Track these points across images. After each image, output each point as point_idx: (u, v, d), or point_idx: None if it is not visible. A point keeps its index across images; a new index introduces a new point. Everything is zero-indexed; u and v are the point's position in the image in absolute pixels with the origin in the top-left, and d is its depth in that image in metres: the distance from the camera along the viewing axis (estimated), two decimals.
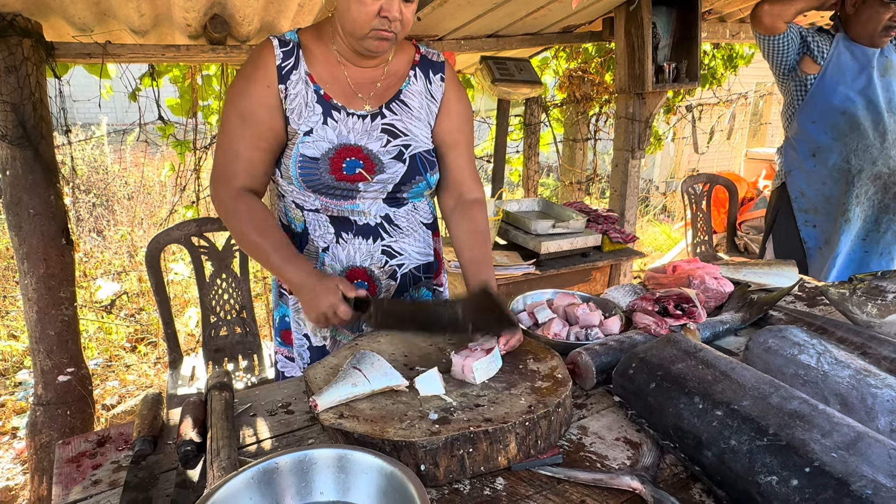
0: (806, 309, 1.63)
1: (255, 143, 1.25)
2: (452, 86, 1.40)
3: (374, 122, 1.30)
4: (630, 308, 1.47)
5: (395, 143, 1.31)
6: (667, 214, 7.41)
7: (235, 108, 1.25)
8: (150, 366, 3.46)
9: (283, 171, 1.29)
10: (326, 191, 1.28)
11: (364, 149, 1.28)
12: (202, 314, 2.34)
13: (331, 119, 1.27)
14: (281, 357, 1.49)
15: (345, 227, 1.34)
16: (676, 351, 1.08)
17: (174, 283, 4.11)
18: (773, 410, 0.89)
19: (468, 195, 1.44)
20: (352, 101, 1.29)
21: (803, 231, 2.64)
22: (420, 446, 0.88)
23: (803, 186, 2.61)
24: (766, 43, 2.49)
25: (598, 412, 1.12)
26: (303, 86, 1.26)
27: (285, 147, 1.28)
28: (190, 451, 0.93)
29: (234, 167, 1.25)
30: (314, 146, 1.25)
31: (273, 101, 1.24)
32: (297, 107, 1.25)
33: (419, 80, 1.36)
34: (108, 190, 5.56)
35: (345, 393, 0.99)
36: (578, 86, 4.39)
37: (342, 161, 1.26)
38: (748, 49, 5.34)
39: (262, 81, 1.24)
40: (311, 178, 1.26)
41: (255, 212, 1.25)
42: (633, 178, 3.47)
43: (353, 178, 1.28)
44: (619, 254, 2.86)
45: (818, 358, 1.09)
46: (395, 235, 1.37)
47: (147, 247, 2.21)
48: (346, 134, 1.27)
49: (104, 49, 2.19)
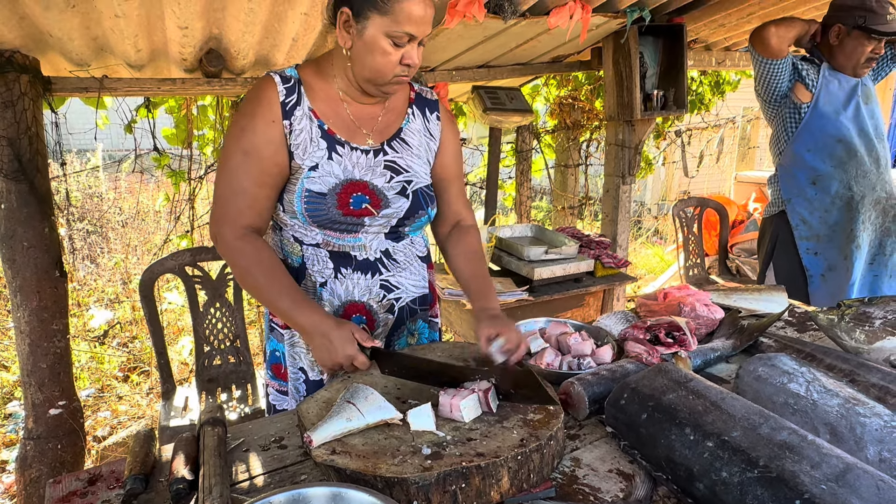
0: (796, 335, 1.64)
1: (261, 180, 1.24)
2: (448, 124, 1.46)
3: (376, 158, 1.32)
4: (622, 336, 1.47)
5: (397, 179, 1.34)
6: (659, 237, 7.46)
7: (239, 144, 1.24)
8: (142, 396, 3.43)
9: (287, 205, 1.29)
10: (331, 225, 1.29)
11: (370, 184, 1.30)
12: (195, 343, 2.33)
13: (336, 154, 1.28)
14: (272, 390, 1.48)
15: (344, 262, 1.34)
16: (667, 381, 1.09)
17: (168, 312, 4.08)
18: (763, 441, 0.89)
19: (463, 223, 1.50)
20: (355, 136, 1.32)
21: (805, 259, 2.63)
22: (412, 482, 0.88)
23: (805, 214, 2.61)
24: (766, 67, 2.48)
25: (591, 443, 1.12)
26: (307, 121, 1.27)
27: (287, 182, 1.29)
28: (182, 489, 0.92)
29: (238, 205, 1.24)
30: (321, 181, 1.26)
31: (278, 137, 1.25)
32: (302, 142, 1.26)
33: (417, 118, 1.40)
34: (102, 218, 5.56)
35: (340, 427, 0.99)
36: (569, 113, 4.46)
37: (349, 196, 1.28)
38: (734, 75, 5.45)
39: (267, 117, 1.24)
40: (317, 213, 1.27)
41: (263, 253, 1.24)
42: (624, 203, 3.51)
43: (359, 213, 1.29)
44: (612, 279, 2.87)
45: (807, 386, 1.10)
46: (392, 270, 1.39)
47: (141, 276, 2.21)
48: (352, 169, 1.29)
49: (101, 83, 2.22)
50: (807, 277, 2.63)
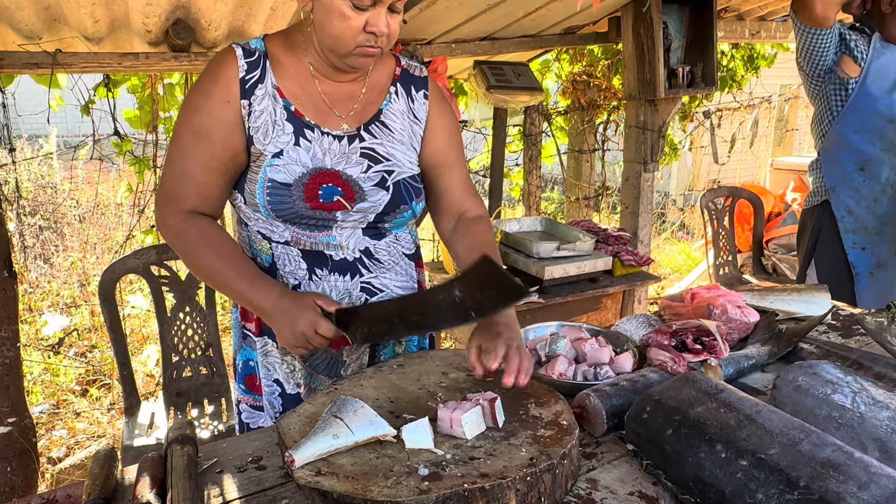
0: (840, 340, 1.64)
1: (210, 165, 1.25)
2: (437, 103, 1.42)
3: (351, 145, 1.30)
4: (644, 342, 1.47)
5: (376, 168, 1.31)
6: (686, 231, 7.47)
7: (189, 124, 1.25)
8: (102, 412, 3.43)
9: (248, 196, 1.28)
10: (299, 221, 1.28)
11: (342, 174, 1.28)
12: (163, 353, 2.33)
13: (303, 139, 1.27)
14: (245, 406, 1.48)
15: (319, 263, 1.33)
16: (695, 392, 1.09)
17: (131, 318, 4.09)
18: (804, 459, 0.89)
19: (469, 213, 1.46)
20: (327, 119, 1.30)
21: (851, 255, 2.63)
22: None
23: (851, 204, 2.60)
24: (811, 37, 2.46)
25: (609, 462, 1.12)
26: (270, 101, 1.26)
27: (247, 170, 1.28)
28: None
29: (183, 189, 1.25)
30: (285, 170, 1.25)
31: (232, 119, 1.24)
32: (262, 125, 1.25)
33: (400, 97, 1.38)
34: (57, 211, 5.56)
35: (325, 445, 0.99)
36: (583, 91, 4.46)
37: (318, 188, 1.26)
38: (770, 49, 5.44)
39: (222, 96, 1.23)
40: (281, 206, 1.26)
41: (211, 234, 1.25)
42: (646, 192, 3.51)
43: (330, 207, 1.27)
44: (633, 278, 2.87)
45: (854, 398, 1.10)
46: (375, 270, 1.38)
47: (101, 277, 2.21)
48: (322, 157, 1.28)
49: (54, 58, 2.22)
50: (853, 276, 2.63)
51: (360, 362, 1.41)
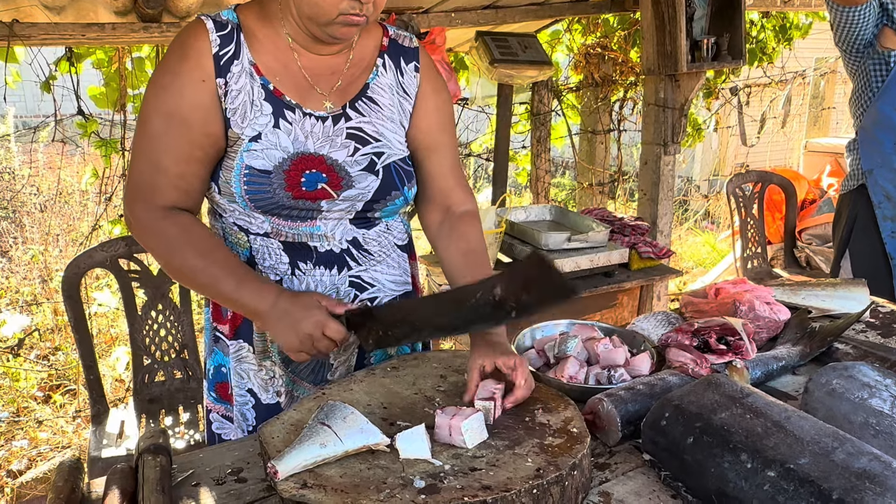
0: (879, 340, 1.65)
1: (187, 153, 1.23)
2: (428, 75, 1.42)
3: (336, 126, 1.30)
4: (663, 342, 1.48)
5: (364, 151, 1.31)
6: (710, 221, 7.48)
7: (159, 108, 1.23)
8: (67, 421, 3.44)
9: (223, 186, 1.28)
10: (280, 211, 1.28)
11: (327, 159, 1.28)
12: (133, 355, 2.34)
13: (283, 121, 1.26)
14: (217, 416, 1.48)
15: (302, 256, 1.33)
16: (719, 396, 1.09)
17: (98, 317, 4.09)
18: (837, 470, 0.90)
19: (457, 208, 1.46)
20: (308, 98, 1.30)
21: (890, 244, 2.64)
22: None
23: (890, 189, 2.61)
24: (845, 15, 2.47)
25: (623, 474, 1.12)
26: (247, 79, 1.25)
27: (223, 156, 1.27)
28: None
29: (157, 182, 1.24)
30: (264, 156, 1.24)
31: (209, 100, 1.23)
32: (240, 106, 1.25)
33: (389, 70, 1.37)
34: (15, 199, 5.56)
35: (312, 455, 1.00)
36: (597, 66, 4.45)
37: (300, 175, 1.26)
38: (805, 18, 5.43)
39: (195, 75, 1.22)
40: (260, 196, 1.25)
41: (191, 229, 1.24)
42: (666, 177, 3.51)
43: (314, 196, 1.27)
44: (651, 272, 2.88)
45: (893, 402, 1.11)
46: (364, 263, 1.38)
47: (64, 271, 2.21)
48: (304, 140, 1.27)
49: (10, 30, 2.21)
50: (891, 268, 2.64)
51: (347, 365, 1.42)
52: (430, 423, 1.09)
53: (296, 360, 1.27)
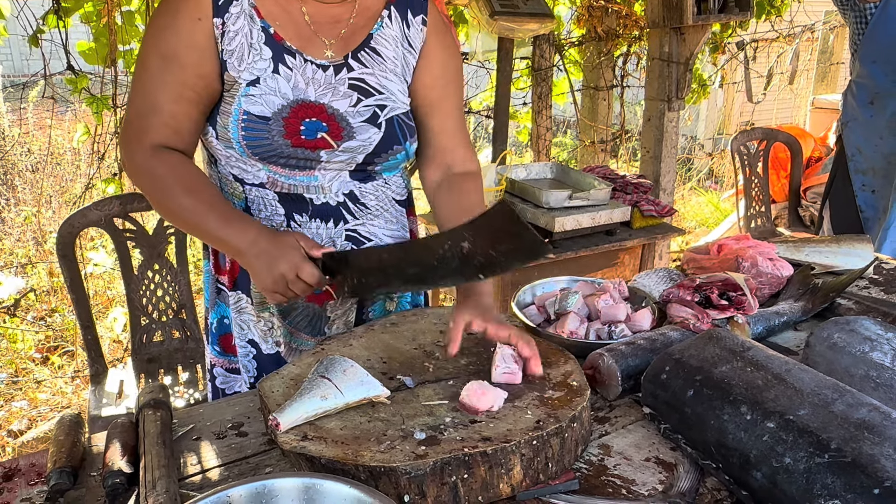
0: (882, 296, 1.66)
1: (180, 93, 1.23)
2: (436, 29, 1.40)
3: (338, 76, 1.29)
4: (664, 298, 1.49)
5: (366, 102, 1.31)
6: (714, 180, 7.45)
7: (156, 47, 1.23)
8: (66, 381, 3.48)
9: (220, 131, 1.28)
10: (277, 160, 1.28)
11: (328, 107, 1.27)
12: (130, 315, 2.35)
13: (283, 66, 1.26)
14: (220, 370, 1.50)
15: (298, 207, 1.34)
16: (720, 350, 1.10)
17: (94, 277, 4.10)
18: (836, 420, 0.91)
19: (458, 167, 1.45)
20: (310, 45, 1.28)
21: (860, 197, 2.66)
22: (403, 472, 0.90)
23: (860, 142, 2.63)
24: None
25: (623, 427, 1.14)
26: (246, 21, 1.24)
27: (220, 100, 1.27)
28: (119, 483, 0.95)
29: (151, 121, 1.24)
30: (262, 101, 1.24)
31: (205, 40, 1.23)
32: (237, 48, 1.24)
33: (394, 21, 1.36)
34: (5, 160, 5.52)
35: (312, 408, 1.01)
36: (601, 19, 4.38)
37: (300, 122, 1.26)
38: None
39: (192, 13, 1.22)
40: (258, 142, 1.25)
41: (182, 170, 1.24)
42: (669, 135, 3.49)
43: (313, 145, 1.27)
44: (653, 231, 2.88)
45: (894, 356, 1.12)
46: (361, 217, 1.38)
47: (58, 232, 2.21)
48: (304, 87, 1.27)
49: None
50: (862, 221, 2.67)
51: (345, 319, 1.43)
52: (428, 378, 1.11)
53: (270, 302, 1.28)
